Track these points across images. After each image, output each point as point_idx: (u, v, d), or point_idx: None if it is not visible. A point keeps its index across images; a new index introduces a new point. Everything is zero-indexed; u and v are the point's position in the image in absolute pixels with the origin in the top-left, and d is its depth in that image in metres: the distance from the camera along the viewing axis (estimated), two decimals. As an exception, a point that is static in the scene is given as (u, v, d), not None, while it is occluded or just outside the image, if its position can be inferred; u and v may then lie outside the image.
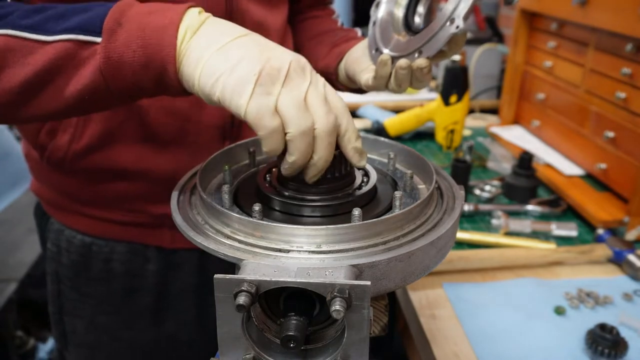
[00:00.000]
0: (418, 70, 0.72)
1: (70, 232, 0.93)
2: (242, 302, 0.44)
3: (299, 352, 0.51)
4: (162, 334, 1.00)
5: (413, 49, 0.72)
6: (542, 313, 0.96)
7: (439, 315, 0.95)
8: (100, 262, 0.94)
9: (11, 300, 1.97)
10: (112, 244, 0.93)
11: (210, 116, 0.85)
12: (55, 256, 0.95)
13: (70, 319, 0.98)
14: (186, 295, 0.99)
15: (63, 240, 0.94)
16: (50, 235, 0.96)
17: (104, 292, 0.95)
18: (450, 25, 0.67)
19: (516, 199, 1.37)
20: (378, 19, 0.79)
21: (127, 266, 0.94)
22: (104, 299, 0.96)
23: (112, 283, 0.95)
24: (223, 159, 0.72)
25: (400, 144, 0.74)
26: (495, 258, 1.09)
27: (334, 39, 0.99)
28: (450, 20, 0.67)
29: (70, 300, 0.97)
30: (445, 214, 0.60)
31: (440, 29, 0.68)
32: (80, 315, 0.98)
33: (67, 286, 0.96)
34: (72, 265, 0.94)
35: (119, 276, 0.95)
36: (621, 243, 1.11)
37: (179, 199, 0.65)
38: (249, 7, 0.86)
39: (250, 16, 0.86)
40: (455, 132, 1.70)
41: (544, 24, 1.62)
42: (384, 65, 0.75)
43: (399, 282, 0.53)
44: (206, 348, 1.05)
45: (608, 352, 0.83)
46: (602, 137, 1.32)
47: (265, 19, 0.90)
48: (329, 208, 0.59)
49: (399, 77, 0.74)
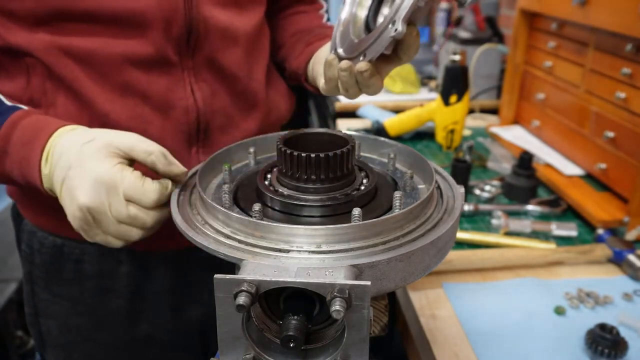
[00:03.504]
0: (359, 74, 0.68)
1: (43, 234, 0.93)
2: (242, 302, 0.44)
3: (299, 352, 0.51)
4: (138, 335, 0.99)
5: (360, 50, 0.69)
6: (542, 313, 0.96)
7: (439, 315, 0.95)
8: (72, 263, 0.93)
9: (11, 300, 1.98)
10: (83, 245, 0.91)
11: (174, 120, 0.84)
12: (29, 257, 0.95)
13: (44, 320, 0.98)
14: (161, 297, 0.98)
15: (36, 242, 0.93)
16: (24, 236, 0.95)
17: (76, 293, 0.95)
18: (391, 27, 0.62)
19: (516, 199, 1.37)
20: (341, 20, 0.75)
21: (99, 267, 0.93)
22: (77, 300, 0.95)
23: (84, 284, 0.94)
24: (223, 159, 0.72)
25: (400, 144, 0.74)
26: (495, 258, 1.09)
27: (309, 37, 0.98)
28: (391, 23, 0.62)
29: (44, 301, 0.96)
30: (445, 214, 0.60)
31: (383, 31, 0.64)
32: (53, 317, 0.97)
33: (41, 287, 0.96)
34: (45, 266, 0.94)
35: (90, 277, 0.94)
36: (621, 243, 1.11)
37: (179, 199, 0.65)
38: (213, 14, 0.84)
39: (214, 22, 0.84)
40: (455, 132, 1.70)
41: (544, 24, 1.62)
42: (329, 66, 0.74)
43: (399, 282, 0.53)
44: (182, 349, 1.04)
45: (608, 352, 0.83)
46: (602, 137, 1.32)
47: (232, 24, 0.87)
48: (329, 208, 0.59)
49: (342, 80, 0.72)
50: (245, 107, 0.93)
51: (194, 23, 0.81)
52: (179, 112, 0.84)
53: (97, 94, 0.78)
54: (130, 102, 0.80)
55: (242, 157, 0.75)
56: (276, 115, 1.01)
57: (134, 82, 0.80)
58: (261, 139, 0.77)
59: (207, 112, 0.87)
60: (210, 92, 0.87)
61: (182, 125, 0.85)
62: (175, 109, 0.83)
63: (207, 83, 0.86)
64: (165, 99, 0.82)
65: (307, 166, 0.59)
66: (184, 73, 0.84)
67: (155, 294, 0.98)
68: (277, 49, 1.06)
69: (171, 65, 0.82)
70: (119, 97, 0.80)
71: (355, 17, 0.74)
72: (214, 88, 0.87)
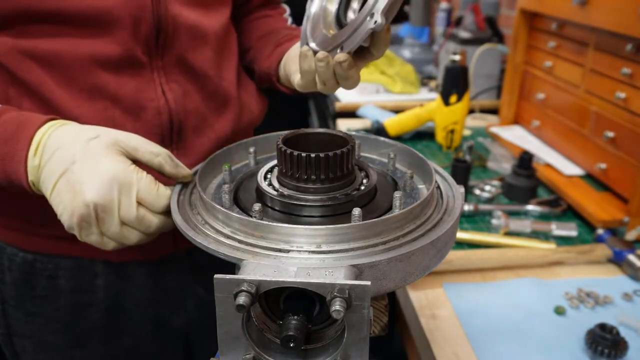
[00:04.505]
0: (338, 65, 0.68)
1: (12, 250, 0.89)
2: (242, 302, 0.44)
3: (299, 352, 0.51)
4: (119, 349, 0.97)
5: (336, 44, 0.69)
6: (542, 313, 0.96)
7: (439, 315, 0.95)
8: (45, 279, 0.90)
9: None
10: (57, 260, 0.89)
11: (146, 122, 0.82)
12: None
13: (18, 339, 0.95)
14: (141, 309, 0.96)
15: (5, 259, 0.90)
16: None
17: (50, 310, 0.92)
18: (370, 20, 0.62)
19: (516, 199, 1.37)
20: (311, 14, 0.75)
21: (74, 282, 0.90)
22: (51, 317, 0.92)
23: (58, 300, 0.91)
24: (223, 159, 0.72)
25: (400, 144, 0.74)
26: (495, 258, 1.09)
27: (277, 38, 0.97)
28: (370, 15, 0.62)
29: (17, 320, 0.93)
30: (445, 214, 0.60)
31: (361, 24, 0.64)
32: (27, 335, 0.94)
33: (12, 306, 0.92)
34: (15, 284, 0.90)
35: (65, 293, 0.91)
36: (621, 243, 1.11)
37: (179, 199, 0.65)
38: (181, 12, 0.83)
39: (183, 20, 0.83)
40: (455, 132, 1.70)
41: (544, 24, 1.62)
42: (304, 57, 0.73)
43: (399, 282, 0.53)
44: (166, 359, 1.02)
45: (608, 352, 0.83)
46: (602, 137, 1.32)
47: (200, 22, 0.87)
48: (329, 208, 0.59)
49: (320, 72, 0.71)
50: (217, 107, 0.92)
51: (162, 21, 0.80)
52: (150, 114, 0.82)
53: (64, 99, 0.76)
54: (100, 105, 0.79)
55: (242, 157, 0.75)
56: (249, 116, 0.99)
57: (102, 84, 0.78)
58: (261, 139, 0.77)
59: (180, 113, 0.85)
60: (181, 92, 0.86)
61: (155, 127, 0.83)
62: (146, 110, 0.82)
63: (178, 83, 0.85)
64: (136, 101, 0.81)
65: (307, 166, 0.59)
66: (153, 73, 0.82)
67: (135, 305, 0.95)
68: (245, 52, 1.05)
69: (140, 65, 0.81)
70: (87, 100, 0.78)
71: (326, 11, 0.74)
72: (185, 88, 0.86)
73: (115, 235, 0.64)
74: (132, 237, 0.64)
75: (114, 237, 0.64)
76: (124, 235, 0.64)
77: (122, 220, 0.63)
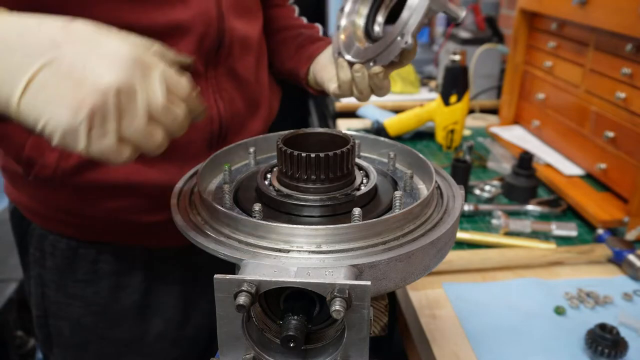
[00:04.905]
0: (374, 76, 0.77)
1: (55, 237, 0.92)
2: (242, 302, 0.44)
3: (299, 352, 0.51)
4: (149, 331, 1.00)
5: (369, 57, 0.77)
6: (542, 313, 0.96)
7: (439, 315, 0.95)
8: (87, 264, 0.93)
9: (11, 300, 1.97)
10: (99, 245, 0.92)
11: (199, 129, 0.85)
12: (39, 260, 0.94)
13: (55, 321, 0.97)
14: (172, 292, 0.99)
15: (47, 245, 0.92)
16: (32, 240, 0.94)
17: (90, 293, 0.95)
18: (400, 40, 0.72)
19: (516, 199, 1.37)
20: (341, 26, 0.83)
21: (115, 266, 0.94)
22: (91, 299, 0.95)
23: (99, 283, 0.94)
24: (223, 159, 0.72)
25: (400, 144, 0.74)
26: (495, 258, 1.09)
27: (299, 39, 1.01)
28: (400, 35, 0.72)
29: (55, 303, 0.96)
30: (445, 214, 0.60)
31: (392, 42, 0.73)
32: (66, 317, 0.96)
33: (52, 289, 0.95)
34: (58, 268, 0.93)
35: (106, 276, 0.94)
36: (621, 243, 1.11)
37: (179, 199, 0.65)
38: (235, 25, 0.86)
39: (237, 33, 0.86)
40: (455, 132, 1.70)
41: (544, 24, 1.62)
42: (341, 68, 0.81)
43: (399, 282, 0.53)
44: (191, 345, 1.04)
45: (608, 352, 0.83)
46: (602, 137, 1.32)
47: (247, 33, 0.90)
48: (329, 208, 0.59)
49: (357, 82, 0.79)
50: (253, 110, 0.96)
51: (222, 35, 0.83)
52: (203, 122, 0.84)
53: None
54: None
55: (242, 157, 0.75)
56: (273, 113, 1.04)
57: None
58: (261, 139, 0.77)
59: (227, 119, 0.89)
60: (228, 99, 0.89)
61: (205, 134, 0.86)
62: None
63: (226, 92, 0.89)
64: None
65: (307, 166, 0.59)
66: (207, 83, 0.85)
67: (167, 289, 0.99)
68: None
69: (197, 76, 0.83)
70: None
71: (355, 25, 0.82)
72: (232, 95, 0.90)
73: (138, 133, 0.50)
74: (157, 135, 0.52)
75: (136, 135, 0.50)
76: (149, 132, 0.51)
77: (150, 108, 0.50)
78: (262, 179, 0.64)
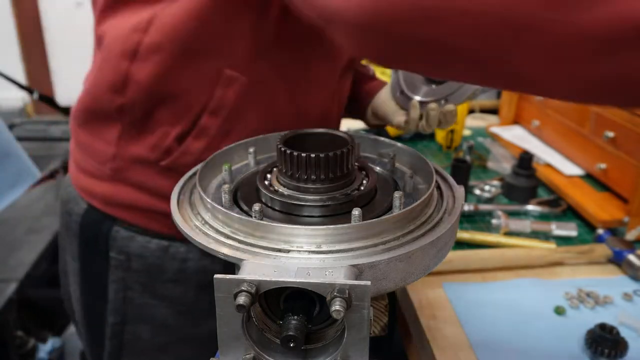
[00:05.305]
0: (448, 113, 0.89)
1: (144, 238, 0.92)
2: (242, 302, 0.44)
3: (299, 352, 0.51)
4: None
5: (440, 96, 0.90)
6: (542, 313, 0.96)
7: (439, 315, 0.95)
8: (177, 263, 0.93)
9: (11, 300, 1.97)
10: (188, 244, 0.90)
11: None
12: (123, 264, 0.93)
13: (133, 327, 0.96)
14: None
15: (134, 247, 0.92)
16: (116, 243, 0.92)
17: (178, 293, 0.95)
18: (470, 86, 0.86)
19: (516, 199, 1.37)
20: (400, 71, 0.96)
21: (200, 263, 0.94)
22: (178, 299, 0.95)
23: (186, 282, 0.95)
24: (223, 159, 0.72)
25: (400, 144, 0.74)
26: (495, 258, 1.09)
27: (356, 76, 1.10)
28: None
29: (139, 306, 0.95)
30: (445, 214, 0.60)
31: (461, 86, 0.87)
32: (148, 320, 0.96)
33: (137, 291, 0.94)
34: (146, 270, 0.93)
35: (193, 274, 0.94)
36: (621, 243, 1.11)
37: (179, 199, 0.65)
38: (345, 86, 1.00)
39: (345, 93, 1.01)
40: (455, 132, 1.70)
41: (544, 24, 1.62)
42: (414, 108, 0.92)
43: (399, 282, 0.53)
44: None
45: (608, 352, 0.83)
46: (602, 137, 1.32)
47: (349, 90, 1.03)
48: (329, 208, 0.59)
49: (430, 118, 0.90)
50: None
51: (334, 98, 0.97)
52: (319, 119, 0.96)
53: None
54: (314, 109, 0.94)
55: (242, 157, 0.75)
56: None
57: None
58: (261, 139, 0.77)
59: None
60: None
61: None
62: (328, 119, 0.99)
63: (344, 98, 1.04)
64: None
65: (307, 166, 0.59)
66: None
67: None
68: None
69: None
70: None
71: None
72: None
73: None
74: None
75: None
76: None
77: None
78: (262, 179, 0.64)
